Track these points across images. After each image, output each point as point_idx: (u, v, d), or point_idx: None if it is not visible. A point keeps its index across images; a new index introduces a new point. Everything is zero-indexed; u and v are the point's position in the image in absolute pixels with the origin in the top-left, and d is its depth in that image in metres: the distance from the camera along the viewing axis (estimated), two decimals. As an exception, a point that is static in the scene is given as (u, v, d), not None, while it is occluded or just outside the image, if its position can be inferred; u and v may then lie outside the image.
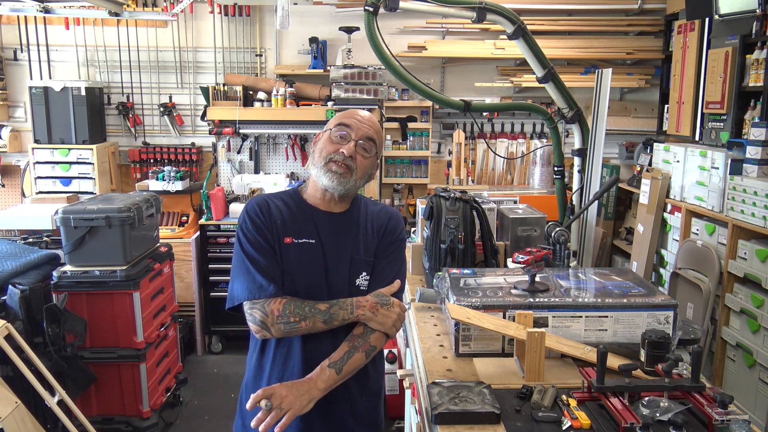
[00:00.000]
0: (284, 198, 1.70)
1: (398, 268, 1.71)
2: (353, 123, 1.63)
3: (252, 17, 5.00)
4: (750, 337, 2.97)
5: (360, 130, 1.63)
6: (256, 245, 1.59)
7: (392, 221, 1.74)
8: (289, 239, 1.61)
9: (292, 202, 1.68)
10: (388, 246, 1.70)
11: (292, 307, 1.54)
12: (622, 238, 4.65)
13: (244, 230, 1.62)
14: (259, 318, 1.54)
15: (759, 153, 3.00)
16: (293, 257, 1.60)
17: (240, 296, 1.57)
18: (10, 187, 5.14)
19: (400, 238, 1.74)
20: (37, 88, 4.58)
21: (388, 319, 1.58)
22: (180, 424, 3.51)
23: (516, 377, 1.63)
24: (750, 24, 3.36)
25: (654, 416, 1.31)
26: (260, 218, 1.62)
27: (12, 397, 2.40)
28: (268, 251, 1.59)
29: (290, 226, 1.63)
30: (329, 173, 1.60)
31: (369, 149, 1.65)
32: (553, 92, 3.02)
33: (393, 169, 5.13)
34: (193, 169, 5.06)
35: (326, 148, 1.63)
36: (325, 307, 1.55)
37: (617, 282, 1.90)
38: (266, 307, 1.54)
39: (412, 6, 2.77)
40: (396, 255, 1.71)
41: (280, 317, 1.53)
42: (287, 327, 1.54)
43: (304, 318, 1.53)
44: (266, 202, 1.66)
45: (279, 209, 1.65)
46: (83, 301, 3.01)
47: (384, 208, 1.78)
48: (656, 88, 4.88)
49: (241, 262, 1.60)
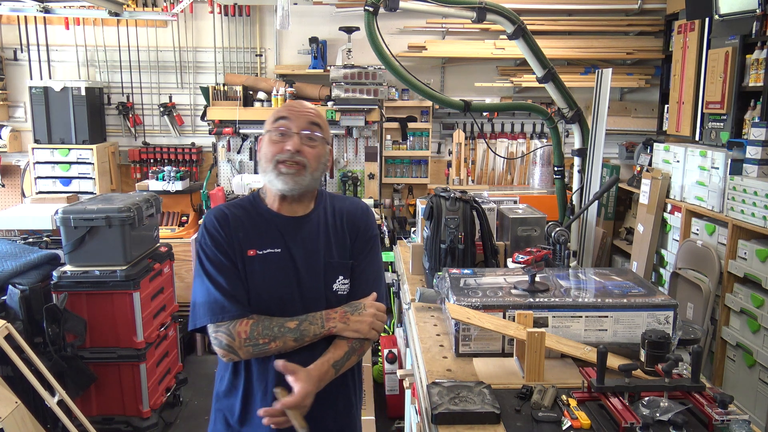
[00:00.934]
0: (244, 206, 1.58)
1: (377, 268, 1.65)
2: (290, 114, 1.52)
3: (252, 17, 5.00)
4: (750, 337, 2.97)
5: (299, 119, 1.52)
6: (216, 263, 1.49)
7: (365, 217, 1.65)
8: (253, 251, 1.51)
9: (253, 210, 1.57)
10: (364, 245, 1.62)
11: (260, 327, 1.45)
12: (622, 238, 4.65)
13: (204, 247, 1.51)
14: (225, 342, 1.45)
15: (759, 153, 3.00)
16: (258, 270, 1.50)
17: (203, 319, 1.47)
18: (10, 187, 5.14)
19: (375, 234, 1.66)
20: (37, 88, 4.58)
21: (363, 325, 1.51)
22: (180, 424, 3.50)
23: (516, 377, 1.63)
24: (750, 24, 3.36)
25: (654, 416, 1.31)
26: (219, 233, 1.51)
27: (12, 397, 2.40)
28: (229, 269, 1.49)
29: (252, 236, 1.52)
30: (281, 176, 1.49)
31: (314, 137, 1.53)
32: (553, 92, 3.03)
33: (393, 169, 5.13)
34: (193, 169, 5.06)
35: (270, 150, 1.51)
36: (294, 325, 1.47)
37: (617, 282, 1.90)
38: (232, 330, 1.44)
39: (412, 6, 2.77)
40: (373, 254, 1.64)
41: (247, 340, 1.44)
42: (256, 349, 1.45)
43: (274, 339, 1.45)
44: (225, 214, 1.54)
45: (239, 220, 1.54)
46: (83, 301, 3.01)
47: (353, 203, 1.68)
48: (656, 88, 4.88)
49: (202, 281, 1.50)
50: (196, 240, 1.56)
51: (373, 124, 4.76)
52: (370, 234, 1.64)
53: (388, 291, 4.42)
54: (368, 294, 1.57)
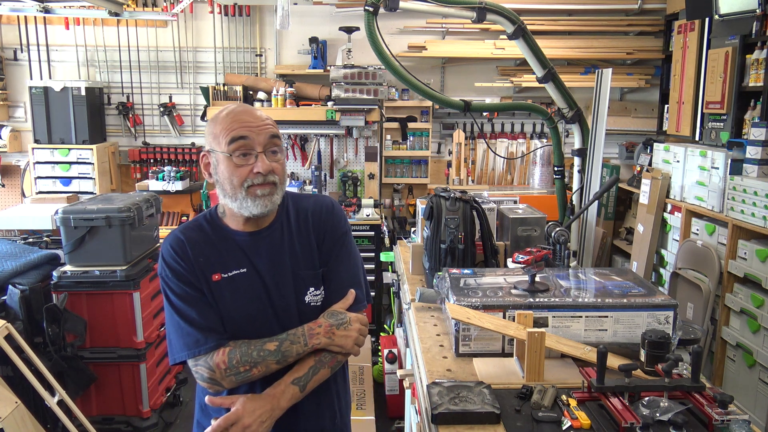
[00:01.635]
0: (201, 227, 1.49)
1: (353, 267, 1.56)
2: (249, 132, 1.39)
3: (252, 17, 5.00)
4: (750, 337, 2.97)
5: (259, 135, 1.40)
6: (182, 296, 1.42)
7: (330, 215, 1.55)
8: (218, 275, 1.44)
9: (211, 231, 1.49)
10: (333, 246, 1.53)
11: (238, 355, 1.39)
12: (622, 238, 4.65)
13: (167, 280, 1.44)
14: (206, 375, 1.40)
15: (759, 153, 2.99)
16: (227, 294, 1.44)
17: (180, 354, 1.42)
18: (10, 187, 5.14)
19: (344, 231, 1.56)
20: (37, 88, 4.59)
21: (348, 340, 1.44)
22: (180, 424, 3.50)
23: (516, 377, 1.63)
24: (750, 24, 3.36)
25: (654, 416, 1.31)
26: (179, 263, 1.43)
27: (12, 397, 2.40)
28: (196, 299, 1.42)
29: (215, 260, 1.45)
30: (256, 200, 1.40)
31: (277, 149, 1.44)
32: (553, 92, 3.03)
33: (393, 169, 5.13)
34: (193, 169, 5.06)
35: (235, 174, 1.39)
36: (275, 346, 1.40)
37: (617, 282, 1.90)
38: (210, 363, 1.39)
39: (412, 6, 2.77)
40: (346, 253, 1.55)
41: (228, 370, 1.38)
42: (239, 378, 1.40)
43: (255, 365, 1.39)
44: (181, 241, 1.45)
45: (197, 244, 1.45)
46: (83, 301, 3.01)
47: (317, 202, 1.57)
48: (656, 88, 4.88)
49: (172, 316, 1.44)
50: (158, 273, 1.48)
51: (373, 124, 4.76)
52: (339, 233, 1.55)
53: (388, 291, 4.43)
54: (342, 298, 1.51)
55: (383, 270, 4.32)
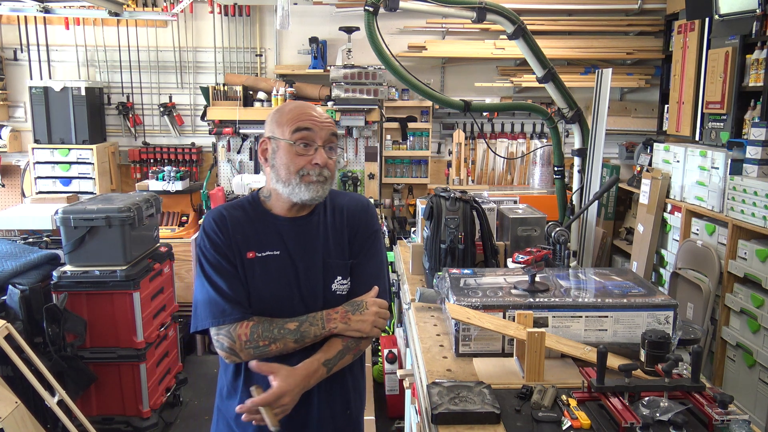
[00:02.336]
0: (243, 207, 1.58)
1: (379, 264, 1.63)
2: (314, 125, 1.49)
3: (252, 17, 5.00)
4: (750, 337, 2.97)
5: (322, 131, 1.49)
6: (216, 267, 1.49)
7: (364, 214, 1.63)
8: (252, 254, 1.51)
9: (253, 212, 1.57)
10: (364, 242, 1.60)
11: (260, 330, 1.45)
12: (622, 238, 4.65)
13: (204, 250, 1.52)
14: (227, 345, 1.46)
15: (759, 153, 3.00)
16: (258, 272, 1.51)
17: (204, 322, 1.49)
18: (10, 187, 5.14)
19: (375, 230, 1.64)
20: (37, 88, 4.59)
21: (365, 324, 1.50)
22: (180, 424, 3.50)
23: (516, 377, 1.63)
24: (750, 24, 3.36)
25: (654, 416, 1.31)
26: (218, 236, 1.51)
27: (12, 397, 2.40)
28: (229, 272, 1.49)
29: (252, 239, 1.52)
30: (310, 186, 1.48)
31: (334, 147, 1.54)
32: (553, 92, 3.02)
33: (393, 169, 5.13)
34: (193, 169, 5.06)
35: (294, 162, 1.48)
36: (294, 326, 1.47)
37: (617, 282, 1.90)
38: (233, 333, 1.45)
39: (412, 6, 2.77)
40: (374, 250, 1.62)
41: (248, 342, 1.45)
42: (257, 351, 1.46)
43: (274, 341, 1.45)
44: (223, 216, 1.54)
45: (238, 222, 1.53)
46: (83, 301, 3.01)
47: (353, 200, 1.66)
48: (656, 88, 4.88)
49: (203, 284, 1.51)
50: (196, 242, 1.57)
51: (373, 124, 4.76)
52: (370, 231, 1.62)
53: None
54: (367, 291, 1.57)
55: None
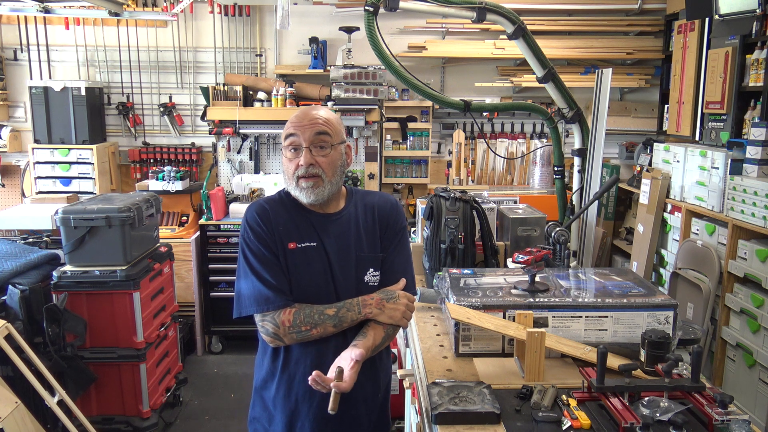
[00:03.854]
0: (282, 201, 1.68)
1: (406, 258, 1.73)
2: (297, 129, 1.59)
3: (252, 17, 5.00)
4: (750, 337, 2.97)
5: (305, 132, 1.59)
6: (260, 256, 1.59)
7: (394, 211, 1.74)
8: (293, 244, 1.62)
9: (290, 206, 1.67)
10: (393, 237, 1.71)
11: (302, 316, 1.56)
12: (622, 238, 4.65)
13: (247, 241, 1.62)
14: (271, 330, 1.57)
15: (759, 153, 2.99)
16: (299, 262, 1.61)
17: (249, 309, 1.59)
18: (10, 187, 5.14)
19: (403, 226, 1.76)
20: (37, 88, 4.58)
21: (397, 312, 1.60)
22: (180, 424, 3.50)
23: (516, 377, 1.63)
24: (750, 24, 3.36)
25: (654, 416, 1.31)
26: (261, 227, 1.61)
27: (12, 397, 2.40)
28: (272, 261, 1.59)
29: (292, 230, 1.63)
30: (302, 190, 1.60)
31: (325, 144, 1.60)
32: (553, 92, 3.02)
33: (393, 169, 5.13)
34: (193, 169, 5.06)
35: (287, 167, 1.62)
36: (333, 312, 1.57)
37: (617, 282, 1.90)
38: (277, 319, 1.56)
39: (412, 6, 2.77)
40: (402, 245, 1.73)
41: (291, 327, 1.55)
42: (299, 336, 1.56)
43: (315, 325, 1.56)
44: (265, 209, 1.64)
45: (278, 214, 1.64)
46: (83, 301, 3.01)
47: (382, 198, 1.77)
48: (656, 88, 4.88)
49: (247, 273, 1.60)
50: (240, 234, 1.65)
51: (373, 124, 4.76)
52: (399, 226, 1.73)
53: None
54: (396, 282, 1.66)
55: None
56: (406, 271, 1.71)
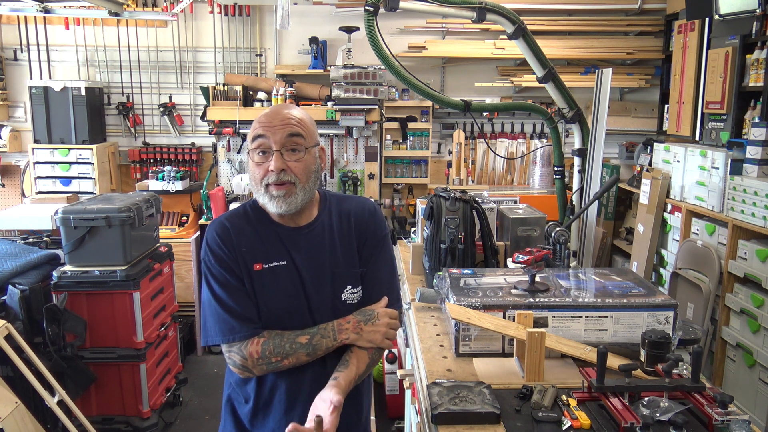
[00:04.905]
0: (246, 216, 1.52)
1: (389, 269, 1.59)
2: (267, 130, 1.42)
3: (252, 17, 5.00)
4: (750, 337, 2.97)
5: (276, 134, 1.41)
6: (222, 283, 1.46)
7: (372, 218, 1.58)
8: (259, 266, 1.47)
9: (255, 220, 1.51)
10: (373, 248, 1.56)
11: (272, 346, 1.42)
12: (622, 238, 4.65)
13: (208, 265, 1.48)
14: (239, 362, 1.44)
15: (759, 153, 2.99)
16: (267, 284, 1.47)
17: (215, 338, 1.46)
18: (10, 187, 5.14)
19: (384, 235, 1.60)
20: (37, 88, 4.58)
21: (377, 335, 1.47)
22: (180, 424, 3.50)
23: (516, 377, 1.63)
24: (750, 24, 3.36)
25: (654, 416, 1.31)
26: (223, 250, 1.47)
27: (12, 397, 2.40)
28: (236, 288, 1.46)
29: (257, 250, 1.48)
30: (273, 200, 1.43)
31: (298, 147, 1.43)
32: (553, 92, 3.02)
33: (393, 169, 5.12)
34: (193, 169, 5.06)
35: (255, 172, 1.44)
36: (306, 339, 1.44)
37: (617, 282, 1.90)
38: (244, 351, 1.43)
39: (412, 6, 2.77)
40: (384, 255, 1.58)
41: (260, 359, 1.42)
42: (270, 367, 1.44)
43: (286, 356, 1.43)
44: (226, 228, 1.49)
45: (242, 233, 1.49)
46: (83, 301, 3.01)
47: (359, 205, 1.60)
48: (656, 88, 4.88)
49: (210, 301, 1.48)
50: (201, 256, 1.52)
51: (373, 124, 4.76)
52: (380, 236, 1.58)
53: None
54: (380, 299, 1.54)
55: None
56: (390, 285, 1.58)
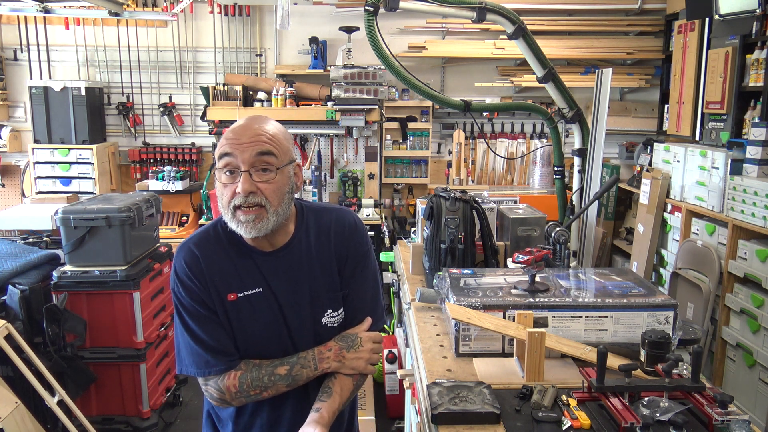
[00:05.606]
0: (217, 238, 1.41)
1: (372, 288, 1.51)
2: (234, 148, 1.29)
3: (252, 17, 5.00)
4: (750, 337, 2.97)
5: (244, 153, 1.28)
6: (193, 314, 1.37)
7: (353, 234, 1.48)
8: (233, 295, 1.38)
9: (227, 243, 1.40)
10: (355, 267, 1.48)
11: (249, 380, 1.37)
12: (622, 238, 4.65)
13: (178, 295, 1.38)
14: (216, 396, 1.39)
15: (759, 153, 2.99)
16: (242, 313, 1.39)
17: (189, 369, 1.39)
18: (10, 187, 5.14)
19: (366, 250, 1.50)
20: (37, 88, 4.59)
21: (360, 362, 1.42)
22: (180, 424, 3.50)
23: (516, 377, 1.63)
24: (750, 24, 3.36)
25: (654, 416, 1.31)
26: (193, 281, 1.37)
27: (12, 397, 2.40)
28: (207, 318, 1.37)
29: (231, 278, 1.38)
30: (240, 224, 1.31)
31: (269, 167, 1.30)
32: (553, 92, 3.02)
33: (393, 169, 5.13)
34: (193, 169, 5.06)
35: (223, 193, 1.32)
36: (285, 371, 1.38)
37: (617, 282, 1.90)
38: (221, 385, 1.37)
39: (412, 6, 2.77)
40: (366, 273, 1.50)
41: (238, 392, 1.37)
42: (248, 399, 1.39)
43: (265, 388, 1.37)
44: (196, 258, 1.38)
45: (213, 261, 1.38)
46: (83, 301, 3.01)
47: (339, 219, 1.48)
48: (656, 88, 4.88)
49: (183, 332, 1.39)
50: (170, 286, 1.42)
51: (373, 124, 4.76)
52: (361, 252, 1.49)
53: (388, 291, 4.43)
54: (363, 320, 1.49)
55: (383, 270, 4.32)
56: (374, 303, 1.50)
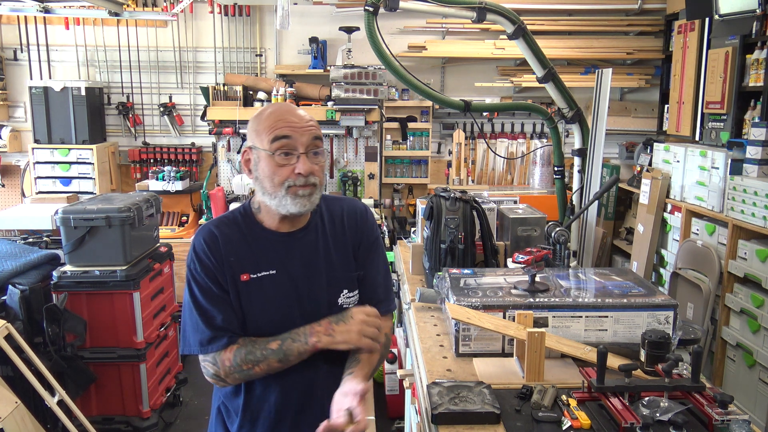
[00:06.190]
0: (237, 222, 1.48)
1: (384, 270, 1.59)
2: (292, 132, 1.38)
3: (252, 17, 5.00)
4: (750, 337, 2.97)
5: (303, 136, 1.39)
6: (206, 292, 1.42)
7: (364, 219, 1.57)
8: (246, 276, 1.43)
9: (246, 227, 1.47)
10: (368, 250, 1.55)
11: (243, 353, 1.40)
12: (622, 238, 4.65)
13: (194, 273, 1.44)
14: (212, 371, 1.42)
15: (759, 153, 2.99)
16: (254, 294, 1.43)
17: (193, 347, 1.44)
18: (10, 187, 5.14)
19: (377, 236, 1.59)
20: (37, 88, 4.59)
21: (350, 334, 1.41)
22: (180, 424, 3.50)
23: (516, 377, 1.63)
24: (750, 24, 3.36)
25: (654, 416, 1.31)
26: (210, 259, 1.42)
27: (12, 397, 2.40)
28: (219, 297, 1.42)
29: (246, 259, 1.44)
30: (296, 199, 1.39)
31: (319, 150, 1.43)
32: (553, 92, 3.02)
33: (393, 169, 5.13)
34: (193, 169, 5.06)
35: (277, 173, 1.38)
36: (277, 345, 1.40)
37: (617, 282, 1.90)
38: (217, 359, 1.41)
39: (412, 6, 2.77)
40: (379, 257, 1.58)
41: (232, 367, 1.40)
42: (242, 375, 1.41)
43: (257, 363, 1.39)
44: (214, 236, 1.44)
45: (230, 241, 1.44)
46: (83, 301, 3.01)
47: (351, 206, 1.58)
48: (656, 88, 4.88)
49: (191, 309, 1.44)
50: (187, 262, 1.47)
51: (373, 124, 4.76)
52: (374, 237, 1.57)
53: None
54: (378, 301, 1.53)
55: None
56: (386, 287, 1.58)
